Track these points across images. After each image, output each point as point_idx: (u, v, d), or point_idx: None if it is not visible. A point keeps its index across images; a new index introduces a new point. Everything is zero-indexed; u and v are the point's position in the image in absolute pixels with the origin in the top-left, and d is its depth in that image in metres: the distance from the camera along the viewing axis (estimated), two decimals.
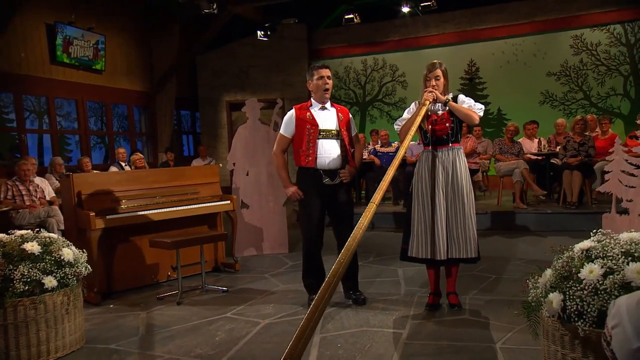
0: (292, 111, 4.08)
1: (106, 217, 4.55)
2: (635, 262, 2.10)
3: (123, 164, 8.71)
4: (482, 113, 3.86)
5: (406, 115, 3.91)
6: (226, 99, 12.00)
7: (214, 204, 5.36)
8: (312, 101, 4.10)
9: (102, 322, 4.00)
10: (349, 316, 3.83)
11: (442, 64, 3.88)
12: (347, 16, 11.02)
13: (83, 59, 9.16)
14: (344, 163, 4.05)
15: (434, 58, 4.32)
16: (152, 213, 4.86)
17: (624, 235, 2.29)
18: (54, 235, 3.51)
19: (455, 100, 3.84)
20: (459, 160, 3.80)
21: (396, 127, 3.99)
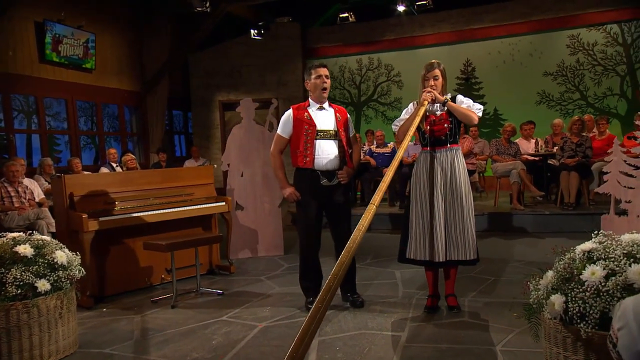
0: (290, 111, 4.04)
1: (99, 219, 4.48)
2: (637, 264, 2.09)
3: (114, 165, 8.60)
4: (481, 113, 3.83)
5: (404, 115, 3.88)
6: (219, 99, 11.94)
7: (209, 206, 5.30)
8: (310, 101, 4.05)
9: (96, 326, 3.93)
10: (347, 319, 3.79)
11: (441, 64, 3.85)
12: (342, 15, 11.01)
13: (73, 58, 9.05)
14: (342, 164, 4.01)
15: (430, 58, 4.29)
16: (146, 215, 4.79)
17: (626, 236, 2.29)
18: (47, 237, 3.45)
19: (453, 100, 3.81)
20: (458, 161, 3.77)
21: (394, 128, 3.95)
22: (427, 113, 3.80)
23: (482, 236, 5.93)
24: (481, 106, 3.86)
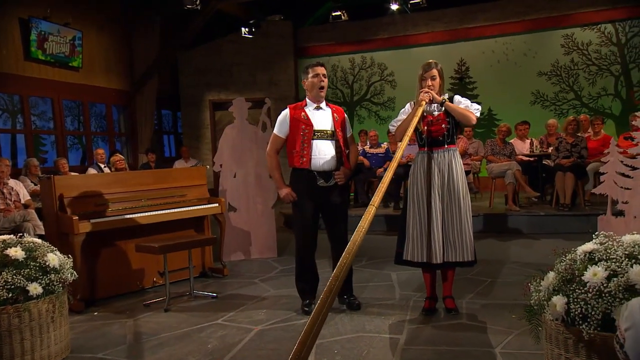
0: (287, 111, 3.99)
1: (90, 221, 4.39)
2: (639, 265, 2.10)
3: (102, 166, 8.41)
4: (479, 114, 3.81)
5: (401, 116, 3.85)
6: (209, 98, 11.81)
7: (202, 207, 5.23)
8: (307, 100, 4.00)
9: (87, 331, 3.85)
10: (344, 321, 3.75)
11: (438, 64, 3.82)
12: (335, 13, 10.93)
13: (59, 56, 8.84)
14: (339, 164, 3.96)
15: (423, 57, 4.26)
16: (138, 217, 4.71)
17: (627, 237, 2.29)
18: (38, 240, 3.37)
19: (451, 100, 3.78)
20: (455, 161, 3.75)
21: (391, 128, 3.92)
22: (425, 113, 3.77)
23: (478, 237, 5.83)
24: (479, 106, 3.84)
